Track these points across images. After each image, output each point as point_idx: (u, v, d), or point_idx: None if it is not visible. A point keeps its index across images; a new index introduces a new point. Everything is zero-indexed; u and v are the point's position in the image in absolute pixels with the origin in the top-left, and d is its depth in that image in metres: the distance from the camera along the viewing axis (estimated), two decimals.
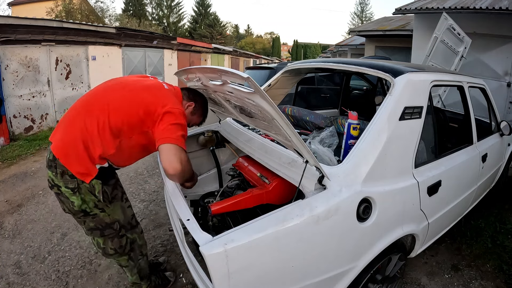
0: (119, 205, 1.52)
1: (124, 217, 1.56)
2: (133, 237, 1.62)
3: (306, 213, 1.11)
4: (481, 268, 2.15)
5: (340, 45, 16.24)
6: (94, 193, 1.38)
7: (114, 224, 1.50)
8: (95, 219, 1.45)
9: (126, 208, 1.58)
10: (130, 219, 1.60)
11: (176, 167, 1.26)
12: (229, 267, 0.98)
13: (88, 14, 19.52)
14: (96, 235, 1.49)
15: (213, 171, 2.23)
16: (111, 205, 1.46)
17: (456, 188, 1.95)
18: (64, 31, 6.26)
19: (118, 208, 1.52)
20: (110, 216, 1.48)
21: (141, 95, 1.41)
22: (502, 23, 5.07)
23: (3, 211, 2.88)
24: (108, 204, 1.45)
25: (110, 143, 1.35)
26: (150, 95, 1.41)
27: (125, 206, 1.58)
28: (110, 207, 1.47)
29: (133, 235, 1.62)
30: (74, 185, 1.35)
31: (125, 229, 1.57)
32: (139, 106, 1.37)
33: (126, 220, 1.58)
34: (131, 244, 1.61)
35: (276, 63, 5.82)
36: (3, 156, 4.38)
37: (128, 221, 1.59)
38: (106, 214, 1.46)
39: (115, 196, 1.48)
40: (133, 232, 1.62)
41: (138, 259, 1.65)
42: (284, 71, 2.39)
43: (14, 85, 5.30)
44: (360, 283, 1.39)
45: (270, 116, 1.02)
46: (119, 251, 1.55)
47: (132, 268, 1.64)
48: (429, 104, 1.63)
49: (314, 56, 50.64)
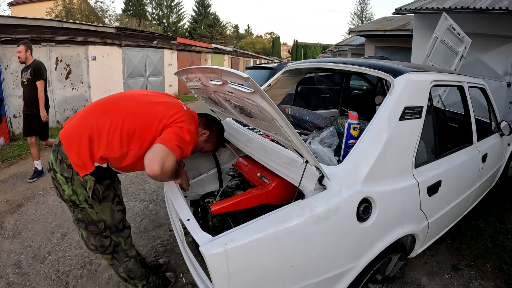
0: (108, 206, 1.51)
1: (112, 219, 1.54)
2: (118, 240, 1.59)
3: (306, 213, 1.11)
4: (481, 268, 2.15)
5: (340, 45, 16.24)
6: (86, 188, 1.39)
7: (100, 223, 1.49)
8: (83, 212, 1.46)
9: (115, 211, 1.55)
10: (117, 222, 1.57)
11: (154, 169, 1.25)
12: (229, 267, 0.98)
13: (88, 14, 19.52)
14: (81, 227, 1.50)
15: (213, 171, 2.23)
16: (100, 204, 1.46)
17: (456, 188, 1.95)
18: (64, 31, 6.26)
19: (107, 209, 1.50)
20: (97, 214, 1.48)
21: (158, 108, 1.44)
22: (502, 23, 5.07)
23: (3, 211, 2.88)
24: (97, 203, 1.45)
25: (116, 147, 1.35)
26: (167, 110, 1.44)
27: (115, 209, 1.55)
28: (99, 206, 1.47)
29: (118, 238, 1.59)
30: (69, 174, 1.37)
31: (111, 231, 1.55)
32: (155, 117, 1.40)
33: (113, 222, 1.55)
34: (115, 246, 1.58)
35: (276, 63, 5.82)
36: (3, 156, 4.38)
37: (115, 224, 1.56)
38: (93, 211, 1.46)
39: (106, 196, 1.48)
40: (118, 235, 1.59)
41: (123, 261, 1.63)
42: (284, 71, 2.39)
43: (14, 85, 5.30)
44: (360, 283, 1.39)
45: (270, 116, 1.01)
46: (99, 249, 1.54)
47: (117, 267, 1.64)
48: (429, 104, 1.63)
49: (314, 56, 50.65)
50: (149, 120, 1.39)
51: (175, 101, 1.59)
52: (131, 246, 1.68)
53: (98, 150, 1.34)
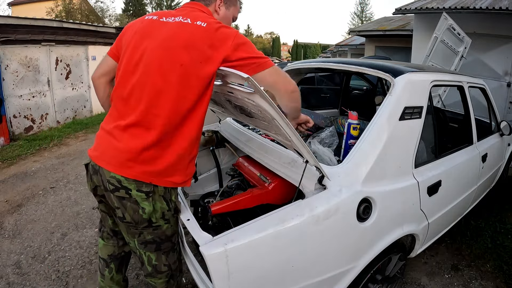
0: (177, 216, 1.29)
1: (177, 227, 1.31)
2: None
3: (306, 213, 1.11)
4: (481, 268, 2.15)
5: (340, 45, 16.24)
6: (169, 200, 1.18)
7: (173, 237, 1.26)
8: (156, 232, 1.19)
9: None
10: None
11: (292, 87, 1.21)
12: (229, 267, 0.98)
13: (88, 14, 19.50)
14: (150, 250, 1.22)
15: (213, 171, 2.23)
16: (174, 217, 1.24)
17: (456, 188, 1.95)
18: (64, 31, 6.26)
19: (176, 220, 1.28)
20: (172, 228, 1.24)
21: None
22: (502, 23, 5.07)
23: (3, 211, 2.88)
24: (173, 216, 1.23)
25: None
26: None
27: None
28: (174, 219, 1.24)
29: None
30: (149, 188, 1.12)
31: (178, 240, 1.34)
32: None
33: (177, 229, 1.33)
34: (178, 258, 1.35)
35: (276, 63, 5.81)
36: (3, 156, 4.38)
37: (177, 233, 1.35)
38: (169, 225, 1.22)
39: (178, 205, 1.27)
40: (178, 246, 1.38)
41: (177, 276, 1.38)
42: (284, 71, 2.38)
43: (14, 85, 5.30)
44: (360, 283, 1.39)
45: (270, 116, 1.01)
46: (173, 267, 1.30)
47: (170, 286, 1.36)
48: (429, 104, 1.63)
49: (314, 56, 50.62)
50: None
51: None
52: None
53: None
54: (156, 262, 1.25)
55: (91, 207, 2.92)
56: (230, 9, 1.37)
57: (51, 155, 4.58)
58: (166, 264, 1.27)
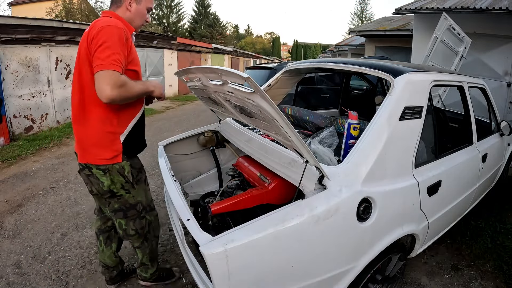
0: (142, 187, 1.60)
1: (146, 199, 1.63)
2: (150, 219, 1.68)
3: (306, 213, 1.11)
4: (481, 268, 2.15)
5: (340, 45, 16.23)
6: (123, 174, 1.47)
7: (138, 205, 1.58)
8: (120, 200, 1.53)
9: (147, 191, 1.66)
10: (150, 201, 1.68)
11: (107, 94, 1.20)
12: (229, 267, 0.98)
13: (88, 14, 19.50)
14: (120, 216, 1.57)
15: (213, 171, 2.23)
16: (134, 188, 1.54)
17: (456, 188, 1.95)
18: (64, 31, 6.25)
19: (142, 191, 1.59)
20: (134, 198, 1.56)
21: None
22: (502, 23, 5.07)
23: (3, 211, 2.88)
24: (133, 187, 1.53)
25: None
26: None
27: (147, 189, 1.66)
28: (135, 190, 1.55)
29: (151, 216, 1.68)
30: (105, 166, 1.44)
31: (145, 210, 1.64)
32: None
33: (147, 202, 1.65)
34: (149, 225, 1.68)
35: (276, 63, 5.81)
36: (3, 156, 4.38)
37: (149, 203, 1.66)
38: (131, 195, 1.54)
39: (139, 179, 1.57)
40: (151, 214, 1.69)
41: (151, 240, 1.72)
42: (284, 71, 2.39)
43: (14, 85, 5.30)
44: (360, 283, 1.39)
45: (270, 116, 1.01)
46: (139, 232, 1.62)
47: (144, 248, 1.71)
48: (429, 104, 1.63)
49: (314, 56, 50.65)
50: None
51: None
52: (159, 224, 1.79)
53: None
54: (125, 227, 1.60)
55: (91, 207, 2.92)
56: (142, 2, 1.49)
57: (51, 155, 4.58)
58: (134, 229, 1.60)
